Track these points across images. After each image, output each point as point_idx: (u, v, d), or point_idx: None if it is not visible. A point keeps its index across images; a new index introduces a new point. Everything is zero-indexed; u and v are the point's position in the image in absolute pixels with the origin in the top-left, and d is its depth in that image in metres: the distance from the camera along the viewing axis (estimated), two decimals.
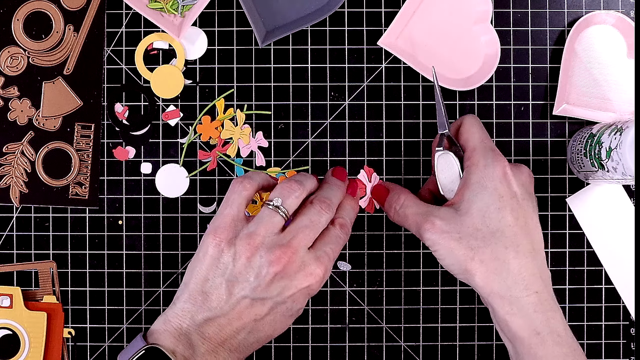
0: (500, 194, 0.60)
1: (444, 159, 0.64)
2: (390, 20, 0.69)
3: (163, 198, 0.70)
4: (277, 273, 0.58)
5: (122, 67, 0.70)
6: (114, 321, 0.70)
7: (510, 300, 0.59)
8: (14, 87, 0.69)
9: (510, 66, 0.70)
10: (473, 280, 0.60)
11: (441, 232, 0.60)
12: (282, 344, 0.70)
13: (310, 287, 0.60)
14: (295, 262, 0.58)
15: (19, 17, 0.69)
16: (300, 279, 0.59)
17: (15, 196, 0.69)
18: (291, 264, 0.58)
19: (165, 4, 0.68)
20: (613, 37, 0.69)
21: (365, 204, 0.70)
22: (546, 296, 0.59)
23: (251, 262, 0.58)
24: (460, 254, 0.60)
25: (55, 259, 0.70)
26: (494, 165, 0.61)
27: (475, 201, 0.60)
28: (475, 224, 0.60)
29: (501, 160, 0.61)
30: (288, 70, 0.70)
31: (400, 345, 0.70)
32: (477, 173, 0.61)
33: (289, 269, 0.58)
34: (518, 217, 0.60)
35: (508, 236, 0.59)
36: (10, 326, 0.68)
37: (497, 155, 0.62)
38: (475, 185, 0.61)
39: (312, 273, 0.59)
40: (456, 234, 0.60)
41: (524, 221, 0.60)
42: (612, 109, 0.69)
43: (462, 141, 0.64)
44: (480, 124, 0.64)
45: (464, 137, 0.63)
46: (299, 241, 0.59)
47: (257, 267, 0.58)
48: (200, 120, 0.70)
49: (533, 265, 0.60)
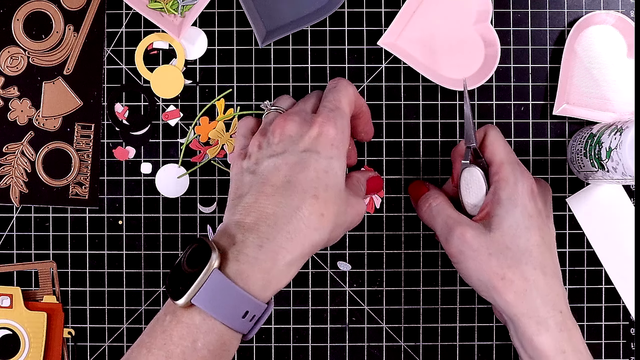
0: (529, 212, 0.60)
1: (469, 173, 0.62)
2: (390, 20, 0.69)
3: (163, 198, 0.70)
4: (282, 132, 0.57)
5: (122, 67, 0.70)
6: (114, 321, 0.70)
7: (538, 320, 0.59)
8: (14, 87, 0.69)
9: (510, 66, 0.70)
10: (500, 298, 0.59)
11: (470, 244, 0.59)
12: (282, 344, 0.70)
13: (322, 135, 0.57)
14: (295, 119, 0.57)
15: (19, 17, 0.69)
16: (306, 128, 0.57)
17: (15, 196, 0.69)
18: (292, 121, 0.57)
19: (165, 4, 0.68)
20: (613, 37, 0.69)
21: (365, 203, 0.70)
22: (568, 314, 0.60)
23: (262, 145, 0.58)
24: (489, 272, 0.59)
25: (55, 259, 0.70)
26: (522, 181, 0.60)
27: (506, 218, 0.60)
28: (506, 241, 0.59)
29: (528, 177, 0.61)
30: (288, 70, 0.70)
31: (400, 345, 0.70)
32: (507, 189, 0.60)
33: (292, 124, 0.57)
34: (544, 237, 0.60)
35: (536, 256, 0.59)
36: (10, 326, 0.68)
37: (524, 171, 0.61)
38: (505, 201, 0.60)
39: (316, 121, 0.57)
40: (486, 250, 0.59)
41: (549, 240, 0.61)
42: (612, 109, 0.69)
43: (488, 154, 0.63)
44: (503, 136, 0.63)
45: (490, 150, 0.62)
46: (295, 108, 0.59)
47: (268, 142, 0.58)
48: (199, 121, 0.70)
49: (558, 285, 0.60)
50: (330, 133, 0.57)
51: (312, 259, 0.70)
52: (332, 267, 0.70)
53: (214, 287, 0.52)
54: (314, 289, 0.70)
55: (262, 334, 0.70)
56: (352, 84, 0.61)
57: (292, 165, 0.56)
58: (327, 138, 0.57)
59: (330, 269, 0.70)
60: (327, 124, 0.57)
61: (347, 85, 0.60)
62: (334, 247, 0.70)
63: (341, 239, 0.70)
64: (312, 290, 0.70)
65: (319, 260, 0.70)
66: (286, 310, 0.70)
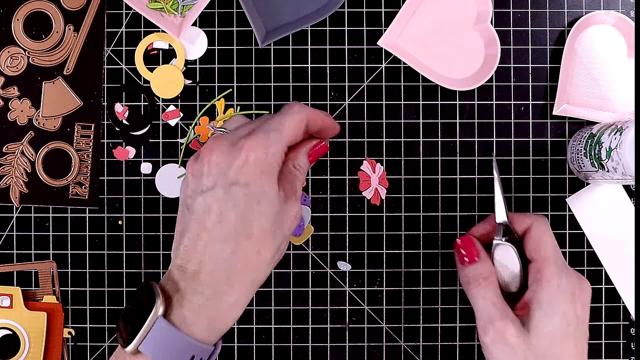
0: (567, 321, 0.59)
1: (502, 251, 0.62)
2: (390, 20, 0.69)
3: (163, 198, 0.70)
4: (210, 161, 0.56)
5: (122, 67, 0.70)
6: (114, 321, 0.70)
7: None
8: (14, 87, 0.69)
9: (510, 66, 0.70)
10: None
11: (508, 342, 0.58)
12: (282, 344, 0.70)
13: (250, 163, 0.55)
14: (223, 145, 0.56)
15: (19, 17, 0.69)
16: (234, 154, 0.56)
17: (15, 196, 0.69)
18: (219, 148, 0.56)
19: (165, 4, 0.68)
20: (613, 37, 0.69)
21: (370, 195, 0.70)
22: None
23: (195, 173, 0.57)
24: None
25: (55, 259, 0.70)
26: (566, 285, 0.59)
27: (545, 324, 0.59)
28: (542, 348, 0.58)
29: (572, 280, 0.60)
30: (288, 70, 0.70)
31: (400, 345, 0.70)
32: (549, 290, 0.59)
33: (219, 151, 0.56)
34: (577, 345, 0.59)
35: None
36: (10, 326, 0.68)
37: (570, 273, 0.60)
38: (545, 305, 0.59)
39: (244, 146, 0.56)
40: (522, 352, 0.58)
41: (582, 347, 0.60)
42: (612, 109, 0.69)
43: (532, 246, 0.61)
44: (551, 231, 0.62)
45: (535, 242, 0.61)
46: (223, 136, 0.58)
47: (200, 171, 0.57)
48: (199, 121, 0.70)
49: None
50: (260, 157, 0.55)
51: (312, 259, 0.70)
52: (332, 267, 0.70)
53: (160, 334, 0.53)
54: (314, 289, 0.70)
55: (262, 334, 0.70)
56: (306, 108, 0.59)
57: (223, 203, 0.55)
58: (256, 164, 0.55)
59: (330, 269, 0.70)
60: (256, 147, 0.56)
61: (300, 110, 0.59)
62: (333, 247, 0.70)
63: (341, 239, 0.70)
64: (312, 290, 0.70)
65: (319, 260, 0.70)
66: (286, 310, 0.70)
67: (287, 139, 0.58)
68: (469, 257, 0.62)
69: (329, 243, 0.70)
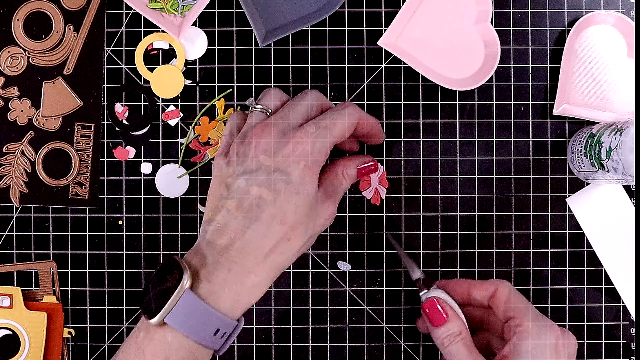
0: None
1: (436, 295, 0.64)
2: (390, 20, 0.69)
3: (163, 198, 0.70)
4: (258, 145, 0.57)
5: (122, 67, 0.70)
6: (114, 321, 0.70)
7: None
8: (14, 87, 0.69)
9: (510, 66, 0.70)
10: None
11: None
12: (282, 344, 0.70)
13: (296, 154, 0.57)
14: (274, 130, 0.58)
15: (19, 17, 0.69)
16: (283, 142, 0.57)
17: (15, 196, 0.69)
18: (270, 133, 0.58)
19: (165, 4, 0.68)
20: (613, 37, 0.69)
21: (370, 195, 0.70)
22: None
23: (239, 153, 0.58)
24: None
25: (55, 259, 0.70)
26: (549, 334, 0.59)
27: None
28: None
29: (555, 330, 0.60)
30: (288, 70, 0.70)
31: (400, 345, 0.70)
32: (528, 341, 0.59)
33: (269, 137, 0.57)
34: None
35: None
36: (10, 326, 0.68)
37: (553, 325, 0.60)
38: (525, 355, 0.58)
39: (294, 137, 0.57)
40: None
41: None
42: (612, 109, 0.69)
43: (503, 307, 0.61)
44: (516, 290, 0.62)
45: (506, 304, 0.61)
46: (274, 117, 0.59)
47: (244, 152, 0.58)
48: (199, 121, 0.70)
49: None
50: (306, 151, 0.57)
51: (312, 259, 0.70)
52: (332, 267, 0.70)
53: (186, 307, 0.54)
54: (314, 289, 0.70)
55: (262, 334, 0.70)
56: (360, 112, 0.61)
57: (263, 187, 0.56)
58: (302, 157, 0.57)
59: (330, 269, 0.70)
60: (304, 142, 0.57)
61: (353, 112, 0.60)
62: (333, 247, 0.70)
63: (341, 239, 0.70)
64: (312, 290, 0.70)
65: (319, 260, 0.70)
66: (286, 310, 0.70)
67: (336, 139, 0.59)
68: (438, 319, 0.63)
69: (329, 243, 0.70)
